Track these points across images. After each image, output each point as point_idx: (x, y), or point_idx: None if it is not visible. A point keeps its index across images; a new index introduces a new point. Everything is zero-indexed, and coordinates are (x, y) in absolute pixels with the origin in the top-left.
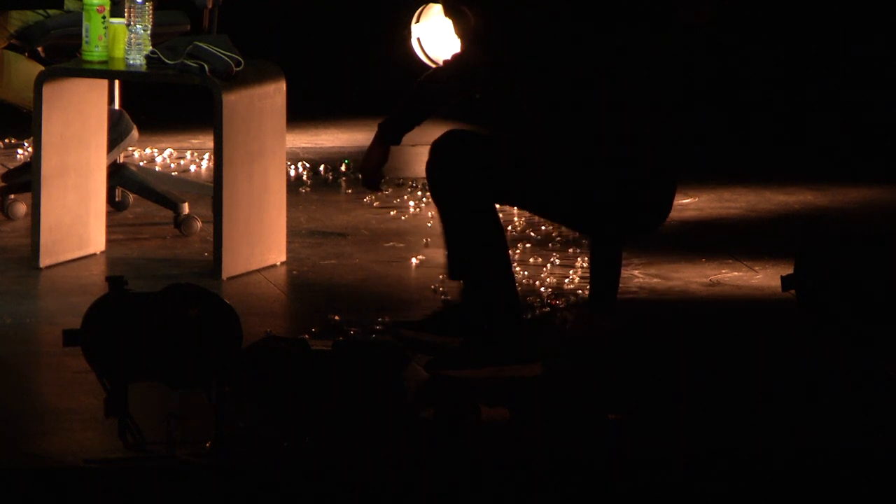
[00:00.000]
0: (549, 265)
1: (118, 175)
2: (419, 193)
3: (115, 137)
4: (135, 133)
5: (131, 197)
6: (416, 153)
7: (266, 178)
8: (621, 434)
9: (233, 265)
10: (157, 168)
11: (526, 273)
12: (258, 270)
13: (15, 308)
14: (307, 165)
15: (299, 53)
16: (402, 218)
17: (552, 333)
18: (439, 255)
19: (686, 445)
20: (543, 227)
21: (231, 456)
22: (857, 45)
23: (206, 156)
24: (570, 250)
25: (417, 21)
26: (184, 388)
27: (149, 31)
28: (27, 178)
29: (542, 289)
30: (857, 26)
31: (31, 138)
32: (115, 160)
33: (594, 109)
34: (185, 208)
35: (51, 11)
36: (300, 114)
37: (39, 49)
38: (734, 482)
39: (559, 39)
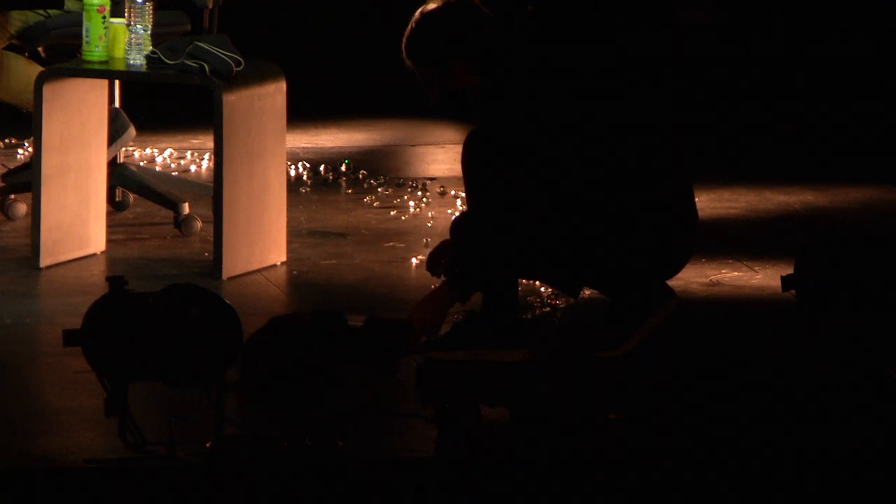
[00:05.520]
0: None
1: (118, 175)
2: (419, 193)
3: (112, 134)
4: (132, 130)
5: (131, 197)
6: (417, 153)
7: (266, 178)
8: (621, 434)
9: (233, 265)
10: (157, 168)
11: None
12: (258, 270)
13: (15, 308)
14: (307, 165)
15: (299, 53)
16: (402, 218)
17: (546, 326)
18: None
19: (686, 445)
20: None
21: (231, 456)
22: (857, 45)
23: (206, 156)
24: None
25: None
26: (184, 388)
27: (149, 31)
28: (27, 178)
29: (543, 289)
30: (858, 26)
31: (31, 138)
32: (115, 159)
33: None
34: (185, 208)
35: (51, 11)
36: (300, 114)
37: (40, 49)
38: (734, 482)
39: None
